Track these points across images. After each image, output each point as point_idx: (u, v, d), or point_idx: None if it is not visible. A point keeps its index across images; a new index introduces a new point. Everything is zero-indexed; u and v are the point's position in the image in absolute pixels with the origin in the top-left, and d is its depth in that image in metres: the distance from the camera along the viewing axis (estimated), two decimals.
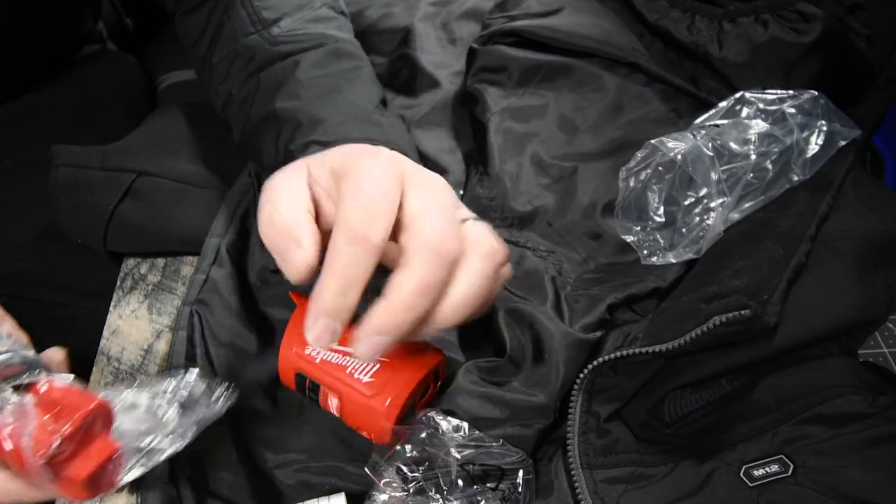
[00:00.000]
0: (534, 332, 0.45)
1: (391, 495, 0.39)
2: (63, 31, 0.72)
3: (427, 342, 0.45)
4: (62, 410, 0.36)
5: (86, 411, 0.36)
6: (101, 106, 0.71)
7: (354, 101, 0.51)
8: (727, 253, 0.47)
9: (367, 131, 0.47)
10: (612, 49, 0.58)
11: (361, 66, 0.55)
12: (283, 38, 0.54)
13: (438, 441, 0.40)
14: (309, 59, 0.53)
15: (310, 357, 0.44)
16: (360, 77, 0.54)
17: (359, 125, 0.48)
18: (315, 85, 0.51)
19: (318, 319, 0.35)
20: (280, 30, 0.54)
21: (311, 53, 0.54)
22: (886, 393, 0.44)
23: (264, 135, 0.51)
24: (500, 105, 0.58)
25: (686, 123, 0.54)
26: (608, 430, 0.44)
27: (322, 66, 0.53)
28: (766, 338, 0.43)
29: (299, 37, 0.54)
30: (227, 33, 0.56)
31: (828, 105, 0.51)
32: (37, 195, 0.58)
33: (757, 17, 0.55)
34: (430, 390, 0.46)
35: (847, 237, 0.47)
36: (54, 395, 0.37)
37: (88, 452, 0.37)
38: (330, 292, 0.35)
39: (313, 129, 0.48)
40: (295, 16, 0.56)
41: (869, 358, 0.51)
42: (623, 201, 0.51)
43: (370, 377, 0.43)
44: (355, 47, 0.57)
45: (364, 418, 0.43)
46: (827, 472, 0.41)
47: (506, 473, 0.40)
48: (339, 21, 0.59)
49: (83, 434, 0.36)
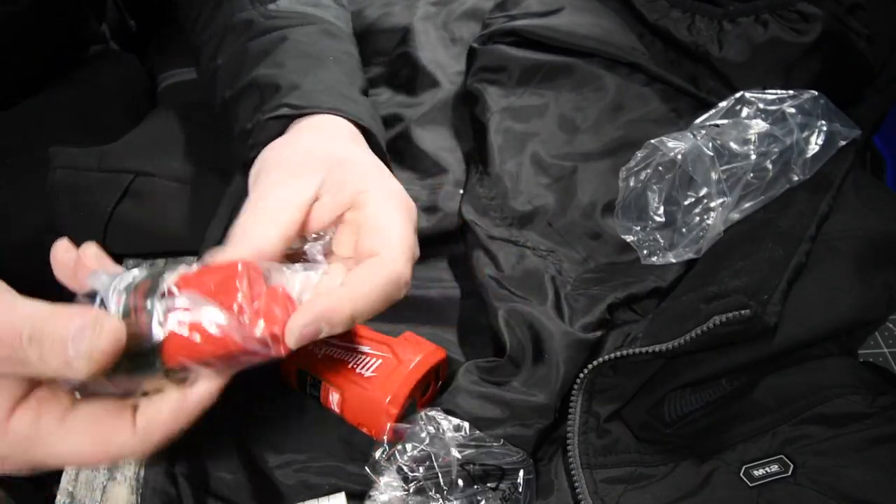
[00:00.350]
0: (534, 332, 0.45)
1: (391, 495, 0.39)
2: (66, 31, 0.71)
3: (429, 341, 0.46)
4: (218, 285, 0.33)
5: (234, 272, 0.34)
6: (103, 106, 0.71)
7: (336, 76, 0.50)
8: (727, 253, 0.47)
9: (339, 103, 0.47)
10: (612, 49, 0.58)
11: (351, 51, 0.55)
12: (278, 14, 0.54)
13: (439, 441, 0.40)
14: (299, 32, 0.53)
15: (312, 353, 0.45)
16: (346, 60, 0.54)
17: (333, 97, 0.48)
18: (301, 55, 0.51)
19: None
20: (277, 7, 0.55)
21: (302, 28, 0.53)
22: (886, 393, 0.44)
23: (244, 101, 0.50)
24: (500, 105, 0.58)
25: (686, 123, 0.54)
26: (608, 430, 0.44)
27: (311, 40, 0.53)
28: (766, 338, 0.43)
29: (294, 15, 0.54)
30: (226, 10, 0.56)
31: (828, 105, 0.51)
32: (37, 195, 0.58)
33: (757, 17, 0.55)
34: (430, 388, 0.46)
35: (847, 237, 0.47)
36: (196, 277, 0.34)
37: (269, 307, 0.34)
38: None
39: (288, 93, 0.47)
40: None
41: (869, 358, 0.51)
42: (623, 201, 0.51)
43: (372, 372, 0.43)
44: (348, 35, 0.57)
45: (366, 413, 0.43)
46: (827, 472, 0.41)
47: (506, 473, 0.40)
48: (337, 11, 0.59)
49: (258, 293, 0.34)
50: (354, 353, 0.44)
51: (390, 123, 0.62)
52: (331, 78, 0.50)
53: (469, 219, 0.53)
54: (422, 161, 0.59)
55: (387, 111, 0.63)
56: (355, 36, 0.63)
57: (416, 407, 0.44)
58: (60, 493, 0.45)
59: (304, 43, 0.52)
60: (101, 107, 0.71)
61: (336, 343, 0.45)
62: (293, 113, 0.46)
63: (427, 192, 0.57)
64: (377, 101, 0.65)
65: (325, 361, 0.44)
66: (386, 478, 0.39)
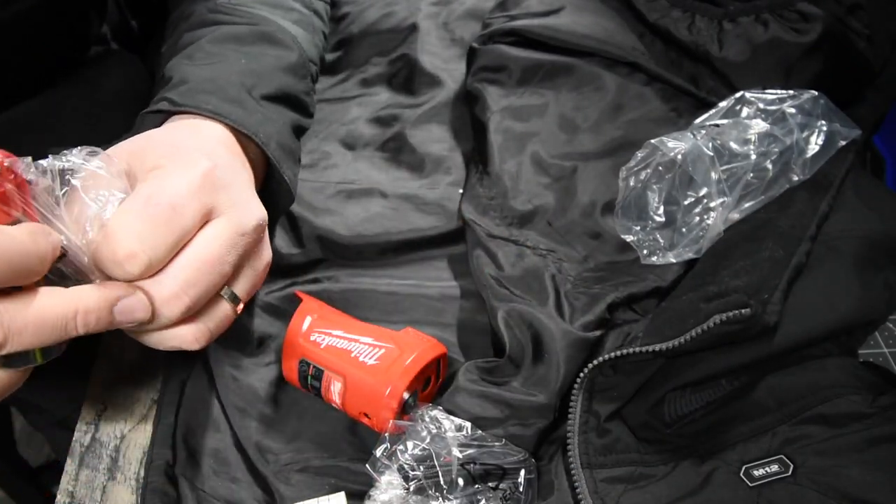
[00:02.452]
0: (533, 332, 0.45)
1: (392, 494, 0.39)
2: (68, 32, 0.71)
3: (430, 336, 0.46)
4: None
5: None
6: (104, 106, 0.71)
7: (235, 79, 0.48)
8: (727, 253, 0.47)
9: (223, 109, 0.45)
10: (612, 48, 0.58)
11: (281, 55, 0.52)
12: (223, 8, 0.53)
13: (440, 439, 0.40)
14: (228, 31, 0.51)
15: (315, 342, 0.45)
16: (266, 62, 0.51)
17: (219, 101, 0.45)
18: (212, 53, 0.49)
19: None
20: (228, 1, 0.53)
21: (234, 27, 0.52)
22: (886, 393, 0.44)
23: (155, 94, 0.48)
24: (500, 104, 0.58)
25: (686, 123, 0.54)
26: (608, 430, 0.44)
27: (236, 41, 0.51)
28: (767, 337, 0.43)
29: (239, 12, 0.53)
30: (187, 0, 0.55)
31: (828, 105, 0.51)
32: None
33: (757, 16, 0.55)
34: (431, 384, 0.46)
35: (847, 237, 0.47)
36: None
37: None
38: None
39: (175, 87, 0.46)
40: None
41: (869, 358, 0.51)
42: (623, 201, 0.51)
43: (375, 360, 0.43)
44: (290, 39, 0.54)
45: (368, 400, 0.43)
46: (827, 472, 0.41)
47: (507, 473, 0.40)
48: (299, 16, 0.57)
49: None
50: (357, 344, 0.45)
51: (389, 123, 0.63)
52: (227, 79, 0.47)
53: (469, 218, 0.53)
54: (421, 160, 0.59)
55: (386, 111, 0.63)
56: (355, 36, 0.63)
57: (416, 401, 0.44)
58: (60, 493, 0.45)
59: (226, 43, 0.50)
60: (103, 107, 0.71)
61: (338, 334, 0.45)
62: (171, 109, 0.44)
63: (426, 192, 0.57)
64: (376, 100, 0.65)
65: (327, 351, 0.45)
66: (387, 476, 0.40)
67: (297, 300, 0.48)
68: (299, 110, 0.53)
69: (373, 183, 0.58)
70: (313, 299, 0.48)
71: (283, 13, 0.56)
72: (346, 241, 0.54)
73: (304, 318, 0.46)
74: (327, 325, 0.46)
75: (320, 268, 0.54)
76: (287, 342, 0.46)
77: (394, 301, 0.52)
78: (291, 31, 0.55)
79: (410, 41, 0.67)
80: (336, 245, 0.54)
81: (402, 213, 0.56)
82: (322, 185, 0.58)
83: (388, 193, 0.57)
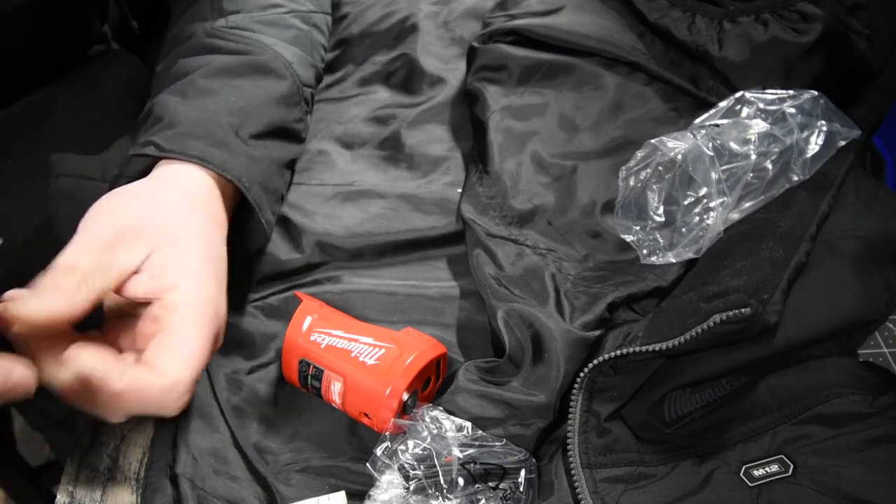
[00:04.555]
0: (533, 331, 0.45)
1: (392, 493, 0.39)
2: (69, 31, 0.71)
3: (430, 336, 0.46)
4: None
5: None
6: (105, 106, 0.71)
7: (223, 120, 0.49)
8: (727, 253, 0.47)
9: (208, 154, 0.46)
10: (612, 48, 0.58)
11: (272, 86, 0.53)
12: (220, 33, 0.54)
13: (441, 439, 0.40)
14: (221, 63, 0.52)
15: (315, 342, 0.45)
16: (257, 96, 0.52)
17: (206, 145, 0.47)
18: (203, 89, 0.50)
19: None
20: (225, 23, 0.54)
21: (228, 58, 0.52)
22: (886, 393, 0.44)
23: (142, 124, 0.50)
24: (500, 103, 0.58)
25: (686, 123, 0.54)
26: (608, 430, 0.44)
27: (228, 74, 0.52)
28: (767, 337, 0.43)
29: (234, 37, 0.54)
30: (188, 16, 0.55)
31: (828, 105, 0.51)
32: (37, 195, 0.58)
33: (757, 16, 0.55)
34: (431, 384, 0.46)
35: (847, 237, 0.47)
36: None
37: None
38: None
39: (164, 129, 0.47)
40: (253, 14, 0.55)
41: (869, 358, 0.51)
42: (623, 200, 0.51)
43: (375, 360, 0.43)
44: (284, 66, 0.55)
45: (368, 400, 0.43)
46: (827, 472, 0.41)
47: (507, 473, 0.40)
48: (297, 33, 0.58)
49: None
50: (357, 344, 0.45)
51: (387, 122, 0.63)
52: (214, 121, 0.48)
53: (468, 217, 0.53)
54: (419, 160, 0.59)
55: (385, 110, 0.63)
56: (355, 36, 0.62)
57: (416, 401, 0.44)
58: (60, 493, 0.45)
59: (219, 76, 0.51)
60: (103, 107, 0.71)
61: (338, 334, 0.45)
62: (158, 154, 0.46)
63: (424, 192, 0.57)
64: (375, 99, 0.65)
65: (327, 351, 0.45)
66: (387, 476, 0.40)
67: (297, 301, 0.48)
68: (291, 139, 0.54)
69: (371, 184, 0.58)
70: (313, 299, 0.48)
71: (281, 32, 0.56)
72: (346, 243, 0.54)
73: (304, 318, 0.46)
74: (327, 325, 0.46)
75: (320, 270, 0.54)
76: (287, 342, 0.46)
77: (394, 301, 0.52)
78: (286, 55, 0.55)
79: (410, 41, 0.67)
80: (335, 248, 0.54)
81: (401, 213, 0.56)
82: (320, 188, 0.58)
83: (387, 194, 0.57)
